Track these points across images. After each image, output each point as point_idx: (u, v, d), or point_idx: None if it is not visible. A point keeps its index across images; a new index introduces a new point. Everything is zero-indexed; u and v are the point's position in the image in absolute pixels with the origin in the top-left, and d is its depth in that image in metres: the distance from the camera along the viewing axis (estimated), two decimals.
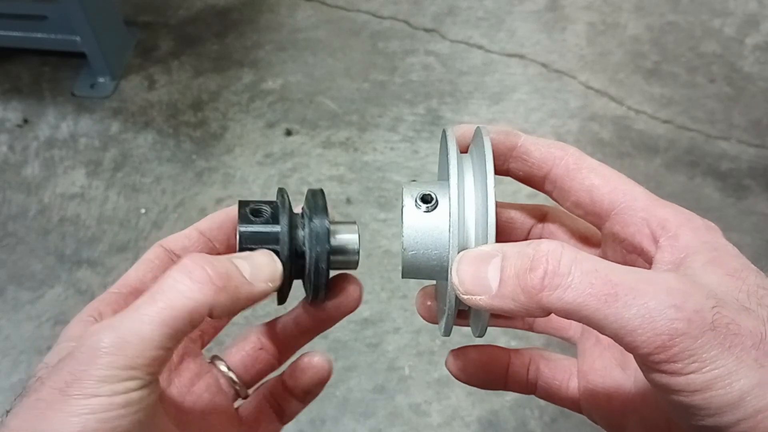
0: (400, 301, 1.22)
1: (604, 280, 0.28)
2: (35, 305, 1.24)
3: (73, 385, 0.28)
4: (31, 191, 1.40)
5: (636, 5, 1.73)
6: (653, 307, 0.27)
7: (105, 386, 0.28)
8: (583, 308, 0.28)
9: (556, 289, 0.28)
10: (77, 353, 0.29)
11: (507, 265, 0.30)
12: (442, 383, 1.14)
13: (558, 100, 1.53)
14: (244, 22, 1.70)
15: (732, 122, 1.50)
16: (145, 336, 0.29)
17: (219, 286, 0.31)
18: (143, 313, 0.30)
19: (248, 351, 0.42)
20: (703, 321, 0.27)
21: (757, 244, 1.30)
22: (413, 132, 1.48)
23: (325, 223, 0.37)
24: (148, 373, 0.30)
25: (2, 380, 1.15)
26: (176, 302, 0.30)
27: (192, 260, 0.32)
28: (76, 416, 0.28)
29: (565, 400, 0.40)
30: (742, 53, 1.63)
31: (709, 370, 0.26)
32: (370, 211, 1.35)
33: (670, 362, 0.27)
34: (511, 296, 0.29)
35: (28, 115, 1.52)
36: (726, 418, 0.27)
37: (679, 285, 0.28)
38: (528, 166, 0.37)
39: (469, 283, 0.31)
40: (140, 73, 1.59)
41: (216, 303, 0.31)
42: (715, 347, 0.26)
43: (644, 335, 0.27)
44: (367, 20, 1.70)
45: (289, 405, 0.42)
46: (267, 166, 1.42)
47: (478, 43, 1.65)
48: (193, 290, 0.31)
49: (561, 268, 0.28)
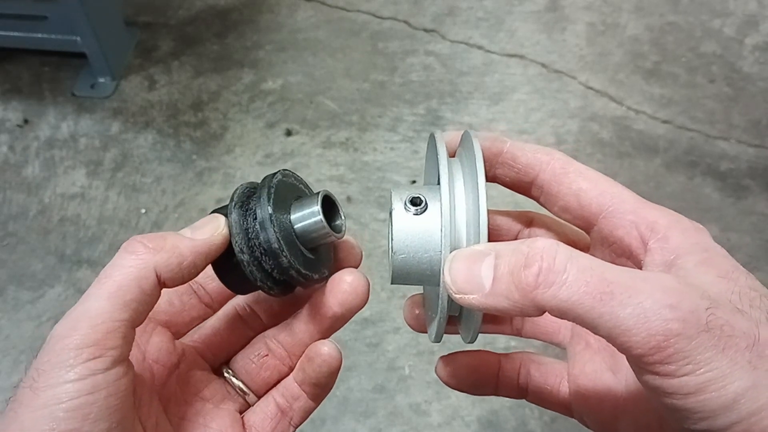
0: (400, 301, 1.22)
1: (600, 278, 0.27)
2: (35, 305, 1.24)
3: (39, 379, 0.29)
4: (31, 191, 1.40)
5: (636, 5, 1.73)
6: (648, 306, 0.27)
7: (68, 372, 0.29)
8: (578, 306, 0.27)
9: (551, 287, 0.28)
10: (41, 351, 0.30)
11: (501, 262, 0.29)
12: (441, 383, 1.14)
13: (558, 101, 1.53)
14: (244, 23, 1.70)
15: (732, 122, 1.50)
16: (94, 312, 0.30)
17: (155, 248, 0.32)
18: (90, 294, 0.31)
19: (253, 358, 0.41)
20: (698, 322, 0.26)
21: (756, 244, 1.30)
22: (413, 132, 1.48)
23: (267, 211, 0.35)
24: (108, 347, 0.30)
25: (2, 380, 1.15)
26: (118, 276, 0.31)
27: (128, 241, 0.33)
28: (44, 408, 0.28)
29: (556, 404, 0.40)
30: (742, 53, 1.63)
31: (703, 372, 0.26)
32: (370, 211, 1.35)
33: (663, 364, 0.26)
34: (505, 294, 0.29)
35: (28, 115, 1.52)
36: (719, 421, 0.26)
37: (674, 285, 0.28)
38: (515, 172, 0.37)
39: (461, 281, 0.30)
40: (140, 73, 1.59)
41: (158, 263, 0.32)
42: (709, 349, 0.26)
43: (639, 335, 0.26)
44: (367, 20, 1.70)
45: (300, 404, 0.40)
46: (267, 166, 1.42)
47: (478, 44, 1.65)
48: (131, 259, 0.32)
49: (556, 265, 0.28)
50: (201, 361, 0.41)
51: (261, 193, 0.36)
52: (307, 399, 0.40)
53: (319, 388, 0.40)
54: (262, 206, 0.35)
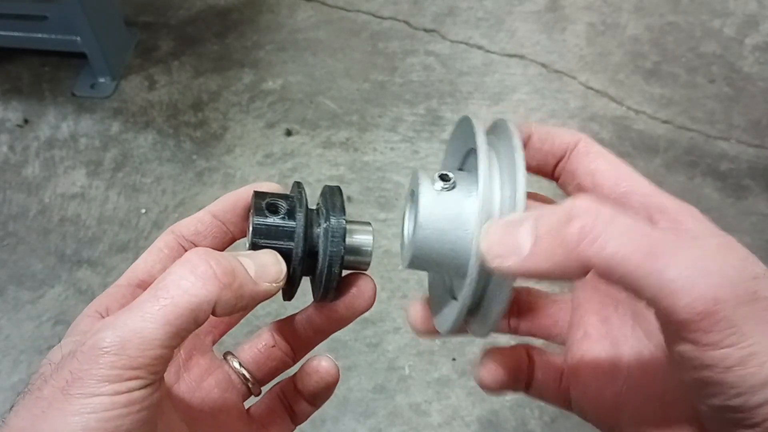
0: (400, 301, 1.23)
1: (647, 235, 0.26)
2: (36, 305, 1.24)
3: (74, 384, 0.28)
4: (31, 191, 1.40)
5: (636, 5, 1.73)
6: (699, 268, 0.25)
7: (106, 386, 0.28)
8: (626, 262, 0.26)
9: (597, 240, 0.26)
10: (79, 353, 0.29)
11: (541, 223, 0.28)
12: (442, 383, 1.14)
13: (558, 101, 1.53)
14: (244, 23, 1.70)
15: (732, 122, 1.50)
16: (147, 335, 0.29)
17: (224, 282, 0.31)
18: (145, 311, 0.29)
19: (261, 348, 0.41)
20: (747, 290, 0.25)
21: (756, 244, 1.30)
22: (413, 132, 1.48)
23: (343, 223, 0.36)
24: (151, 372, 0.29)
25: (2, 380, 1.15)
26: (179, 299, 0.29)
27: (197, 255, 0.31)
28: (77, 415, 0.28)
29: (556, 398, 0.39)
30: (742, 53, 1.63)
31: (748, 345, 0.25)
32: (370, 211, 1.35)
33: (708, 332, 0.25)
34: (547, 254, 0.27)
35: (28, 115, 1.52)
36: (756, 397, 0.25)
37: (721, 248, 0.27)
38: (542, 155, 0.36)
39: (498, 245, 0.29)
40: (140, 73, 1.59)
41: (220, 300, 0.30)
42: (756, 321, 0.25)
43: (686, 298, 0.25)
44: (367, 20, 1.70)
45: (300, 407, 0.41)
46: (267, 166, 1.42)
47: (478, 44, 1.65)
48: (197, 287, 0.30)
49: (600, 220, 0.26)
50: (198, 341, 0.41)
51: (332, 208, 0.37)
52: (307, 404, 0.41)
53: (317, 398, 0.41)
54: (337, 221, 0.36)
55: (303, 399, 0.41)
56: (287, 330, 0.41)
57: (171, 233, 0.38)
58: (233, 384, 0.40)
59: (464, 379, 1.14)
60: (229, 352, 0.41)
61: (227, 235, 0.38)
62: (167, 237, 0.38)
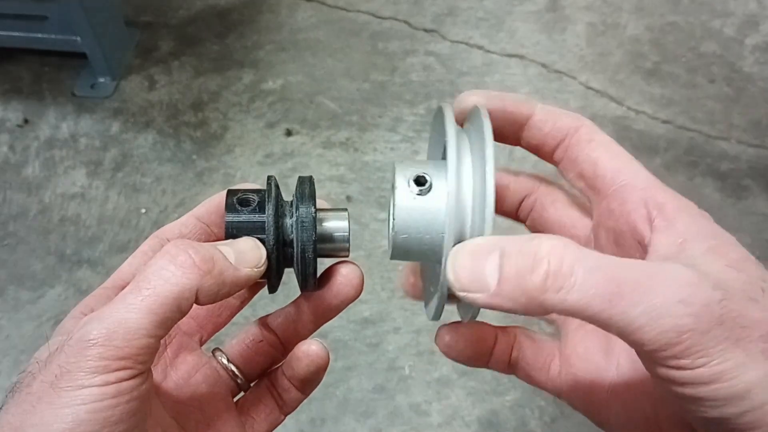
0: (400, 301, 1.23)
1: (609, 278, 0.27)
2: (36, 305, 1.24)
3: (63, 377, 0.28)
4: (31, 191, 1.40)
5: (636, 6, 1.73)
6: (660, 303, 0.26)
7: (95, 377, 0.28)
8: (588, 309, 0.27)
9: (559, 291, 0.27)
10: (66, 347, 0.29)
11: (506, 263, 0.29)
12: (442, 383, 1.14)
13: (558, 101, 1.53)
14: (244, 23, 1.70)
15: (732, 122, 1.50)
16: (132, 325, 0.29)
17: (204, 269, 0.31)
18: (129, 302, 0.30)
19: (249, 343, 0.41)
20: (711, 315, 0.26)
21: (757, 244, 1.30)
22: (413, 132, 1.48)
23: (311, 211, 0.36)
24: (138, 362, 0.30)
25: (2, 380, 1.15)
26: (161, 289, 0.30)
27: (175, 246, 0.32)
28: (67, 408, 0.28)
29: (544, 384, 0.40)
30: (742, 54, 1.63)
31: (717, 363, 0.26)
32: (370, 211, 1.35)
33: (677, 358, 0.26)
34: (511, 296, 0.28)
35: (28, 115, 1.52)
36: (731, 409, 0.27)
37: (686, 277, 0.27)
38: (542, 136, 0.37)
39: (466, 279, 0.30)
40: (140, 73, 1.59)
41: (202, 287, 0.31)
42: (723, 341, 0.26)
43: (651, 333, 0.26)
44: (367, 20, 1.70)
45: (290, 395, 0.41)
46: (267, 166, 1.42)
47: (478, 44, 1.66)
48: (178, 275, 0.31)
49: (564, 268, 0.27)
50: (186, 340, 0.41)
51: (301, 197, 0.37)
52: (296, 391, 0.41)
53: (308, 384, 0.41)
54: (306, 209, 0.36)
55: (293, 386, 0.41)
56: (276, 324, 0.41)
57: (156, 237, 0.39)
58: (221, 379, 0.40)
59: (464, 379, 1.14)
60: (217, 348, 0.42)
61: (211, 236, 0.39)
62: (152, 241, 0.39)
